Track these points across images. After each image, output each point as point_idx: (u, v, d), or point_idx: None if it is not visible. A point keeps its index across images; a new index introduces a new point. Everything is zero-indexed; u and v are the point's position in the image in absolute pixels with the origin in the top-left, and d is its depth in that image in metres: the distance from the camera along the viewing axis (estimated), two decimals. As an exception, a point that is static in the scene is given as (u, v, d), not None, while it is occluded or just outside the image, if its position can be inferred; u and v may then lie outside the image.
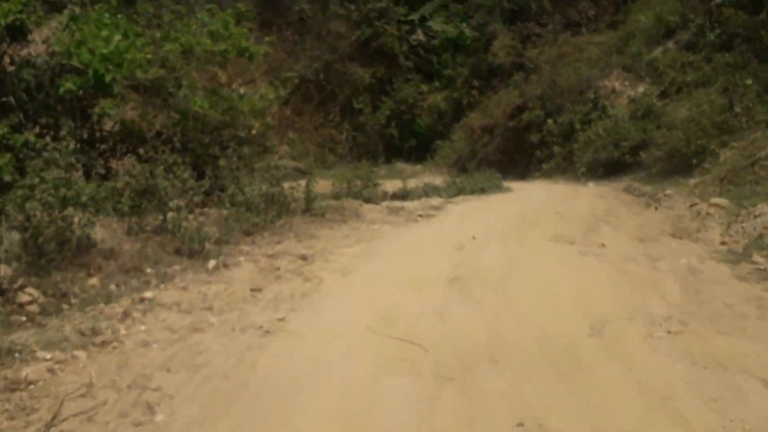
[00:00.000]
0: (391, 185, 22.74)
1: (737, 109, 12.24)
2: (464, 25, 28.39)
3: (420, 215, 11.16)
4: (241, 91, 12.25)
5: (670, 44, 17.64)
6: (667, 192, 11.16)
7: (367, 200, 12.07)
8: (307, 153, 28.42)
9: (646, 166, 14.26)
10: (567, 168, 17.88)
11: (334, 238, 8.92)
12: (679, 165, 12.62)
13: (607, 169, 15.84)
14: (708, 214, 9.09)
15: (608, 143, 15.85)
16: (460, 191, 14.25)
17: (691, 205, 9.77)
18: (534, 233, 8.94)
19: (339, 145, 28.67)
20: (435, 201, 13.03)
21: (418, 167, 26.95)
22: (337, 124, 28.84)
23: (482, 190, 14.88)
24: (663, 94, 16.35)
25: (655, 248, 7.56)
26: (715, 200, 9.64)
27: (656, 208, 10.38)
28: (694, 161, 12.12)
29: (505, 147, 20.60)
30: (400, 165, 27.64)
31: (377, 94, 28.75)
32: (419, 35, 29.75)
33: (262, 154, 31.51)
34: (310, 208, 10.08)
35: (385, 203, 12.17)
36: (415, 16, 29.79)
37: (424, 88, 29.17)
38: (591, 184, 15.33)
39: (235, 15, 11.89)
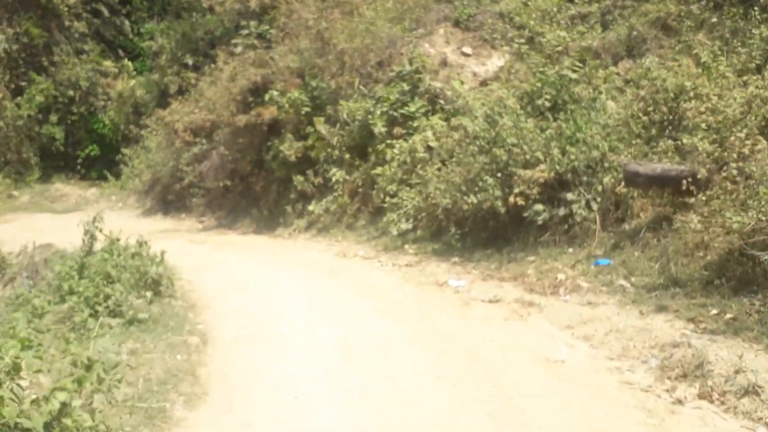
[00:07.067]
0: (18, 234, 11.92)
1: None
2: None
3: None
4: None
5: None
6: None
7: None
8: None
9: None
10: (360, 215, 8.89)
11: None
12: None
13: (478, 231, 6.94)
14: None
15: (475, 167, 6.90)
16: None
17: None
18: None
19: (-53, 153, 16.82)
20: None
21: (93, 191, 16.41)
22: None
23: None
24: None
25: None
26: None
27: None
28: None
29: (236, 165, 10.99)
30: (61, 187, 16.67)
31: (22, 69, 17.45)
32: (101, -16, 19.17)
33: None
34: None
35: None
36: (93, -46, 19.14)
37: (111, 66, 18.77)
38: (454, 283, 6.02)
39: None
